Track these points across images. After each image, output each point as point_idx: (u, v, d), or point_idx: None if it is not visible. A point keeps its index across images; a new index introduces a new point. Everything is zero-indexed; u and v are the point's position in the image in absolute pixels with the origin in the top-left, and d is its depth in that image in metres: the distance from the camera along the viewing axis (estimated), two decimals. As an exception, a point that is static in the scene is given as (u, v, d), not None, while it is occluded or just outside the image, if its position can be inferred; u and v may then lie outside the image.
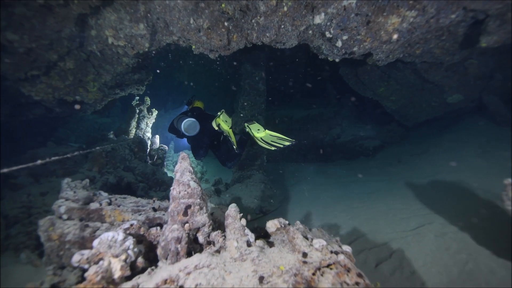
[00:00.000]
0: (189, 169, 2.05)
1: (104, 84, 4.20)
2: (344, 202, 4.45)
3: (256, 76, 6.77)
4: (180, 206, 1.79)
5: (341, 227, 3.58)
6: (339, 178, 6.06)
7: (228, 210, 1.96)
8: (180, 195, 1.84)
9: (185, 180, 1.94)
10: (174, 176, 2.01)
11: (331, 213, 4.10)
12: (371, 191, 4.65)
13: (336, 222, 3.76)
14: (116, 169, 4.93)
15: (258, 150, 6.30)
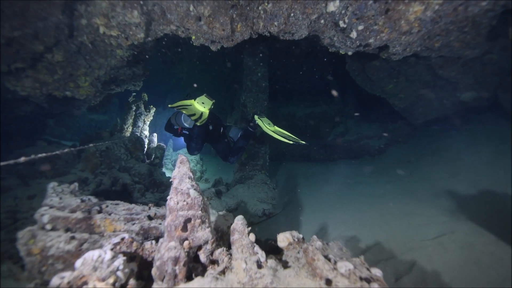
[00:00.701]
0: (188, 174, 1.77)
1: (97, 78, 3.90)
2: (353, 205, 4.20)
3: (258, 72, 6.47)
4: (179, 219, 1.51)
5: (352, 234, 3.33)
6: (345, 179, 5.80)
7: (234, 224, 1.70)
8: (179, 206, 1.57)
9: (184, 188, 1.67)
10: (171, 183, 1.74)
11: (339, 217, 3.84)
12: (380, 194, 4.39)
13: (346, 227, 3.50)
14: (111, 169, 4.65)
15: (260, 150, 6.03)
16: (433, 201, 3.58)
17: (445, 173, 4.29)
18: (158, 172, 5.42)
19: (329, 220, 3.84)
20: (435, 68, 4.52)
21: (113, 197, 4.26)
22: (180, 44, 10.80)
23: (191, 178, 1.76)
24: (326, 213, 4.12)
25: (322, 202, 4.61)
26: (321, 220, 3.94)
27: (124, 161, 4.90)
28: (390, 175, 5.35)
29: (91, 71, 3.77)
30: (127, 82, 5.17)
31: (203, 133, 3.36)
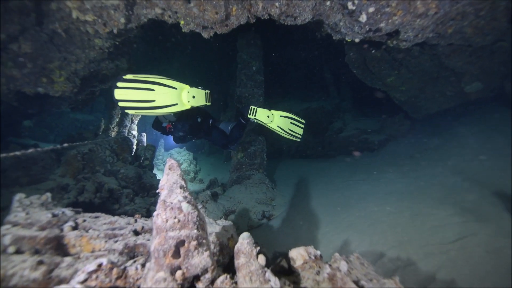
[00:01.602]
0: (179, 183, 1.43)
1: (74, 73, 3.48)
2: (358, 204, 3.94)
3: (253, 65, 6.12)
4: (168, 242, 1.17)
5: (362, 238, 3.06)
6: (346, 176, 5.55)
7: (239, 243, 1.38)
8: (168, 225, 1.24)
9: (174, 201, 1.34)
10: (159, 195, 1.41)
11: (346, 220, 3.58)
12: (387, 192, 4.15)
13: (354, 231, 3.24)
14: (95, 173, 4.24)
15: (257, 148, 5.71)
16: (445, 199, 3.35)
17: (453, 169, 4.08)
18: (148, 175, 5.03)
19: (334, 223, 3.57)
20: (442, 58, 4.28)
21: (97, 205, 3.87)
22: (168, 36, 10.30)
23: (183, 187, 1.43)
24: (330, 215, 3.85)
25: (325, 203, 4.34)
26: (325, 223, 3.66)
27: (109, 164, 4.49)
28: (394, 171, 5.13)
29: (66, 64, 3.34)
30: (111, 78, 4.73)
31: (192, 124, 3.23)
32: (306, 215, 4.03)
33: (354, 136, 7.34)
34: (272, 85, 9.41)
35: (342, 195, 4.47)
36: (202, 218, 1.35)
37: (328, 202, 4.31)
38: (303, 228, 3.60)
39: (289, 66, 9.85)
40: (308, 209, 4.19)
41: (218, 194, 5.04)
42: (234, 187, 5.18)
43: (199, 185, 8.31)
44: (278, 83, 9.65)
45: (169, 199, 1.36)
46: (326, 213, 3.95)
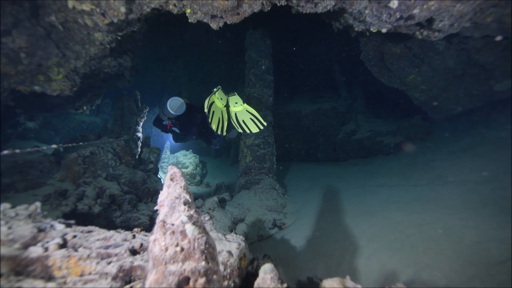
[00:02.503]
0: (183, 198, 1.12)
1: (74, 70, 3.25)
2: (380, 213, 3.58)
3: (262, 64, 5.84)
4: (168, 280, 0.86)
5: (388, 255, 2.70)
6: (362, 181, 5.18)
7: (260, 279, 1.10)
8: (168, 256, 0.94)
9: (177, 222, 1.06)
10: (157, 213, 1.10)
11: (367, 232, 3.22)
12: (410, 200, 3.78)
13: (379, 246, 2.88)
14: (97, 178, 4.00)
15: (267, 151, 5.40)
16: (483, 210, 2.97)
17: (486, 175, 3.68)
18: (153, 179, 4.78)
19: (355, 235, 3.22)
20: (471, 53, 3.90)
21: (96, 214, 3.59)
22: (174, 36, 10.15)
23: (188, 203, 1.14)
24: (350, 225, 3.50)
25: (341, 211, 3.98)
26: (345, 234, 3.31)
27: (112, 168, 4.25)
28: (415, 177, 4.74)
29: (65, 61, 3.12)
30: (114, 77, 4.52)
31: (197, 120, 3.37)
32: (322, 225, 3.68)
33: (368, 139, 6.95)
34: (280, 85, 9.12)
35: (360, 203, 4.11)
36: (212, 244, 1.05)
37: (346, 210, 3.95)
38: (320, 240, 3.25)
39: (298, 65, 9.54)
40: (324, 218, 3.84)
41: (226, 200, 4.74)
42: (243, 193, 4.87)
43: (206, 189, 8.03)
44: (286, 84, 9.35)
45: (170, 220, 1.08)
46: (344, 223, 3.59)
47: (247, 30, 6.35)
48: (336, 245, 3.08)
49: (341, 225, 3.56)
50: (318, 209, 4.23)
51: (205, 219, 2.26)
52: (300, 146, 8.31)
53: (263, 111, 5.63)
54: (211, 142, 3.63)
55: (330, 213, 4.00)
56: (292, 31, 7.96)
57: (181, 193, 1.15)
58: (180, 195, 1.14)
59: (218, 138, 3.58)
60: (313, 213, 4.12)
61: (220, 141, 3.62)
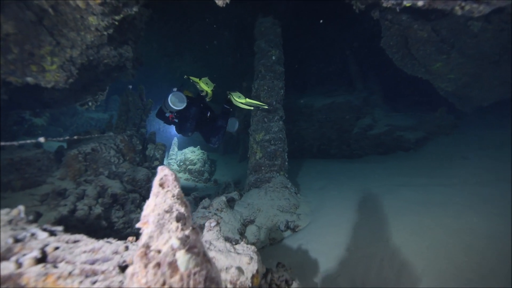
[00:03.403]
0: (176, 212, 0.77)
1: (70, 60, 3.00)
2: (406, 216, 3.18)
3: (272, 55, 5.46)
4: None
5: (424, 265, 2.33)
6: (382, 180, 4.77)
7: None
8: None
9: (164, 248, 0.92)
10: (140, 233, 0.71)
11: (394, 237, 2.84)
12: (440, 202, 3.36)
13: (409, 253, 2.51)
14: (98, 176, 3.79)
15: (278, 147, 5.06)
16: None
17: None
18: (158, 177, 4.53)
19: (380, 241, 2.85)
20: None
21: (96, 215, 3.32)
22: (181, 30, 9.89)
23: (182, 219, 0.81)
24: (373, 229, 3.13)
25: (361, 213, 3.61)
26: (368, 240, 2.95)
27: (115, 165, 4.03)
28: (442, 175, 4.30)
29: (60, 50, 2.87)
30: (116, 69, 4.26)
31: (198, 114, 3.43)
32: (341, 229, 3.33)
33: (386, 134, 6.48)
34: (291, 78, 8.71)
35: (382, 204, 3.71)
36: (216, 279, 0.74)
37: (366, 212, 3.58)
38: (340, 247, 2.91)
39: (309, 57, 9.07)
40: (342, 221, 3.48)
41: (235, 199, 4.45)
42: (252, 192, 4.57)
43: (214, 187, 7.79)
44: (298, 76, 8.91)
45: (156, 243, 0.78)
46: (366, 226, 3.22)
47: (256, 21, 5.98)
48: (358, 253, 2.72)
49: (362, 229, 3.19)
50: (335, 211, 3.87)
51: (211, 225, 1.95)
52: (312, 142, 7.91)
53: (274, 105, 5.27)
54: (210, 140, 3.61)
55: (349, 215, 3.63)
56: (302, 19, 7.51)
57: (173, 205, 0.84)
58: (171, 208, 0.84)
59: (217, 137, 3.54)
60: (330, 215, 3.76)
61: (220, 140, 3.58)
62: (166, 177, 0.92)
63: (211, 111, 3.67)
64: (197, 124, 3.46)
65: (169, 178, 0.92)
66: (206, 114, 3.58)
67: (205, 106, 3.58)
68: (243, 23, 8.76)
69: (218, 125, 3.54)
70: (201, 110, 3.47)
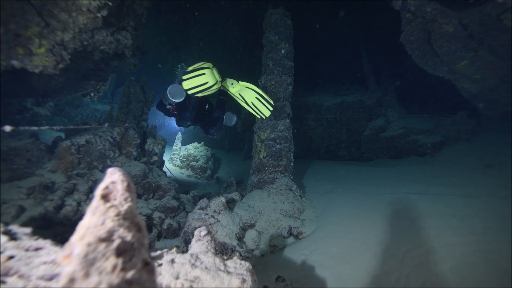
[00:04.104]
0: (118, 241, 0.45)
1: (60, 44, 2.77)
2: (424, 231, 2.84)
3: (281, 48, 5.14)
4: None
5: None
6: (395, 186, 4.41)
7: None
8: None
9: None
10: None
11: (412, 254, 2.52)
12: (462, 215, 3.00)
13: (432, 274, 2.18)
14: (92, 170, 3.58)
15: (284, 147, 4.76)
16: None
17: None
18: (156, 173, 4.31)
19: (396, 259, 2.53)
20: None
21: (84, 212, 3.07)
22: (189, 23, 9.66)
23: (125, 251, 0.50)
24: (387, 243, 2.80)
25: (373, 222, 3.28)
26: (382, 256, 2.63)
27: (110, 159, 3.81)
28: (464, 185, 3.91)
29: (49, 32, 2.64)
30: (115, 57, 4.03)
31: (196, 106, 3.37)
32: (349, 239, 3.01)
33: (400, 137, 6.08)
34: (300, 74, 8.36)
35: (396, 214, 3.37)
36: None
37: (378, 223, 3.24)
38: (347, 261, 2.60)
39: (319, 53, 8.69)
40: (351, 231, 3.16)
41: (235, 200, 4.18)
42: (255, 193, 4.29)
43: (216, 185, 7.55)
44: (306, 73, 8.55)
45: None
46: (378, 239, 2.90)
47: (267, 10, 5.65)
48: (369, 271, 2.41)
49: (374, 242, 2.87)
50: (342, 218, 3.55)
51: (201, 234, 1.68)
52: (320, 142, 7.56)
53: (281, 101, 4.96)
54: (209, 131, 3.59)
55: (359, 224, 3.31)
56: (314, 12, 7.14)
57: (114, 230, 0.57)
58: (111, 234, 0.57)
59: (215, 128, 3.53)
60: (337, 223, 3.45)
61: (218, 131, 3.58)
62: (114, 185, 0.64)
63: (210, 103, 3.69)
64: (196, 116, 3.45)
65: (118, 187, 0.64)
66: (205, 106, 3.59)
67: (203, 98, 3.53)
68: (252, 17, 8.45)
69: (215, 116, 3.55)
70: (200, 102, 3.44)
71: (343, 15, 6.64)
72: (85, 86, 5.01)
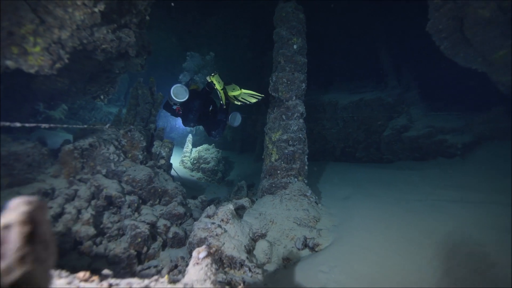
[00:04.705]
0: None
1: (58, 42, 2.61)
2: (464, 246, 2.43)
3: (293, 43, 4.81)
4: None
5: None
6: (424, 192, 3.96)
7: None
8: None
9: None
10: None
11: (451, 272, 2.12)
12: (510, 228, 2.55)
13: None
14: (96, 174, 3.42)
15: (297, 149, 4.42)
16: None
17: None
18: (162, 177, 4.12)
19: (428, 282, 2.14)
20: None
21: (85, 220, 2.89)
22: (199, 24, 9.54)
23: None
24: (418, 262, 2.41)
25: (401, 234, 2.88)
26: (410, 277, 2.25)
27: (114, 163, 3.65)
28: (507, 191, 3.41)
29: (45, 30, 2.48)
30: (119, 58, 3.88)
31: (201, 106, 3.48)
32: (373, 254, 2.64)
33: (425, 137, 5.56)
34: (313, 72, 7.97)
35: (429, 226, 2.95)
36: None
37: (406, 235, 2.84)
38: (374, 282, 2.23)
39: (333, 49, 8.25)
40: (375, 244, 2.78)
41: (245, 207, 3.90)
42: (266, 199, 3.99)
43: (226, 188, 7.31)
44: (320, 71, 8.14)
45: None
46: (408, 255, 2.51)
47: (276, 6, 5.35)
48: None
49: (403, 259, 2.48)
50: (364, 229, 3.16)
51: (200, 256, 1.41)
52: (336, 143, 7.13)
53: (293, 100, 4.63)
54: (211, 133, 3.64)
55: (384, 236, 2.92)
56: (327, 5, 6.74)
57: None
58: None
59: (218, 130, 3.57)
60: (358, 235, 3.07)
61: (220, 133, 3.61)
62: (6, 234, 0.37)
63: (214, 105, 3.74)
64: (200, 117, 3.52)
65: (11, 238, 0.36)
66: (209, 107, 3.66)
67: (208, 99, 3.63)
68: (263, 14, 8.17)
69: (218, 119, 3.57)
70: (204, 103, 3.53)
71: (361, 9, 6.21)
72: (93, 89, 4.92)
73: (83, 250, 2.70)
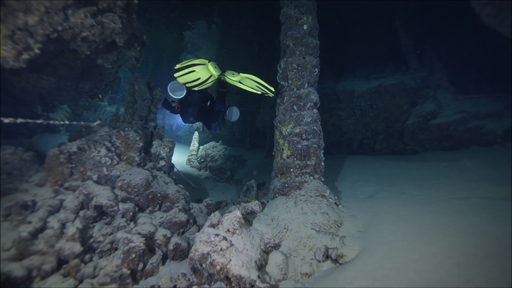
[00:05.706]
0: None
1: (24, 29, 2.20)
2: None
3: (303, 23, 4.24)
4: None
5: None
6: (465, 188, 3.37)
7: None
8: None
9: None
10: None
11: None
12: None
13: None
14: (86, 181, 3.05)
15: (312, 143, 3.90)
16: None
17: None
18: (162, 181, 3.71)
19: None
20: None
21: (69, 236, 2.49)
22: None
23: None
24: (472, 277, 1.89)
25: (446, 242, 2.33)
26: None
27: (106, 167, 3.27)
28: None
29: (7, 15, 2.06)
30: (106, 48, 3.47)
31: (199, 102, 3.40)
32: (414, 268, 2.12)
33: (457, 123, 4.87)
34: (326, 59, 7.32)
35: (475, 230, 2.39)
36: None
37: (453, 244, 2.29)
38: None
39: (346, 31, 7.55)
40: (414, 255, 2.25)
41: (255, 211, 3.45)
42: (278, 201, 3.52)
43: (235, 187, 6.89)
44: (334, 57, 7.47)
45: None
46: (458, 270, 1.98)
47: None
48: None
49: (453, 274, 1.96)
50: (398, 235, 2.63)
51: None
52: (352, 134, 6.52)
53: (306, 87, 4.08)
54: (211, 126, 3.54)
55: (424, 244, 2.38)
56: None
57: None
58: None
59: (217, 122, 3.45)
60: (391, 243, 2.55)
61: (219, 125, 3.50)
62: None
63: (212, 100, 3.66)
64: (198, 112, 3.44)
65: None
66: (207, 102, 3.59)
67: (206, 95, 3.58)
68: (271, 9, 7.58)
69: (216, 111, 3.48)
70: (202, 99, 3.47)
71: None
72: (86, 86, 4.55)
73: (69, 270, 2.33)
